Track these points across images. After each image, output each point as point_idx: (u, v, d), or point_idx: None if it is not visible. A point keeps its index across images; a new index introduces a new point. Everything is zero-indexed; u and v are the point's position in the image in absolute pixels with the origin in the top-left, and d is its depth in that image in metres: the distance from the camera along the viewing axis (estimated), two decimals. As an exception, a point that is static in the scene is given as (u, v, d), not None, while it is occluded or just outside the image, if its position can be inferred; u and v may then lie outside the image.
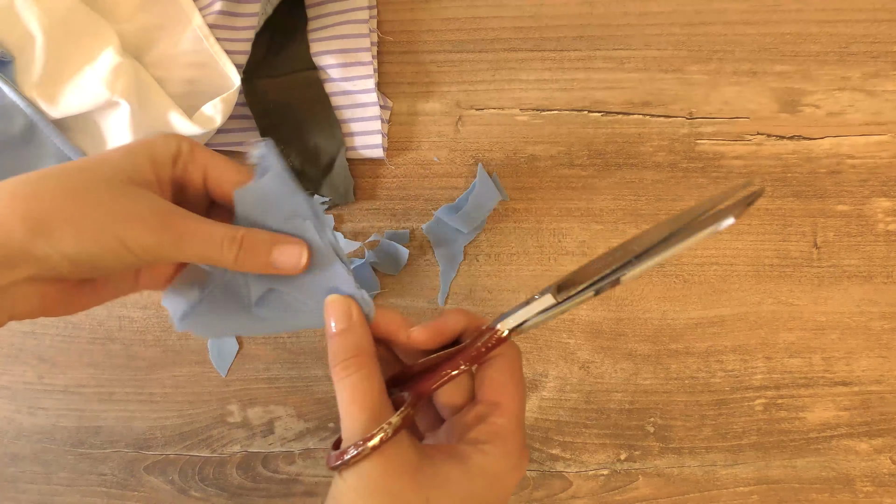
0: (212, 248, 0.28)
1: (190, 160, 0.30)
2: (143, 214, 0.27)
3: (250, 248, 0.29)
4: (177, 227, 0.28)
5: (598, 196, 0.45)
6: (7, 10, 0.40)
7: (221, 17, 0.45)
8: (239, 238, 0.29)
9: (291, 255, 0.29)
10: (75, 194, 0.27)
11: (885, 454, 0.44)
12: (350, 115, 0.46)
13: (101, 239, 0.26)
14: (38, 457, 0.49)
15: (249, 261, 0.29)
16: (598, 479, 0.46)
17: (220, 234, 0.28)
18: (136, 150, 0.29)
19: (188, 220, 0.28)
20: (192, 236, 0.28)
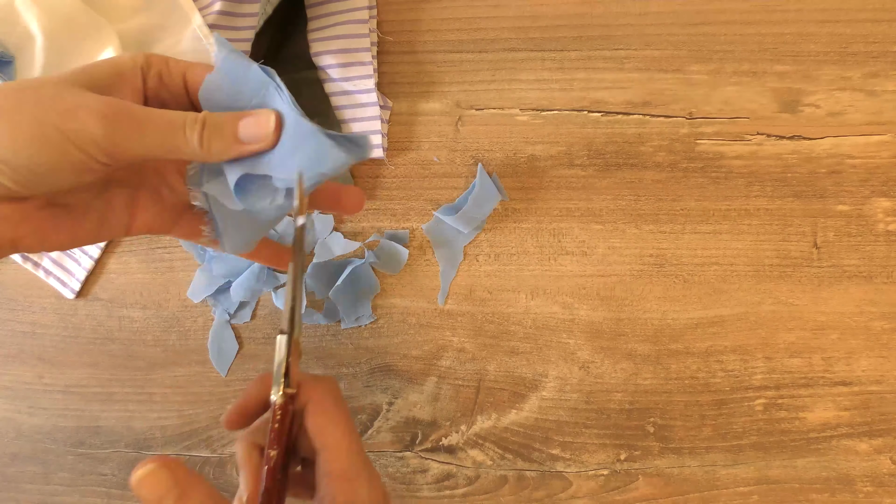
0: (174, 132, 0.25)
1: (165, 71, 0.28)
2: (89, 104, 0.24)
3: (215, 126, 0.26)
4: (131, 112, 0.25)
5: (598, 196, 0.45)
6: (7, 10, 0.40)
7: (221, 17, 0.45)
8: (201, 118, 0.26)
9: (259, 124, 0.27)
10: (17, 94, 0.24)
11: (885, 454, 0.44)
12: (350, 115, 0.46)
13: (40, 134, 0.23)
14: (38, 457, 0.49)
15: (217, 142, 0.26)
16: (598, 479, 0.46)
17: (181, 117, 0.26)
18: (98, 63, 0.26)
19: (143, 108, 0.25)
20: (151, 123, 0.25)
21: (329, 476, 0.28)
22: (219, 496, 0.26)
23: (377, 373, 0.46)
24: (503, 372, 0.46)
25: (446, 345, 0.46)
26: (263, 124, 0.27)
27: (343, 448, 0.29)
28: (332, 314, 0.46)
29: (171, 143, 0.26)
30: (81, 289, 0.48)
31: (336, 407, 0.30)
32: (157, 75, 0.28)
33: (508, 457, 0.46)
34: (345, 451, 0.29)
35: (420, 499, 0.47)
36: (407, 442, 0.47)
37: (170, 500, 0.24)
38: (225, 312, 0.47)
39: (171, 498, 0.24)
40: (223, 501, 0.26)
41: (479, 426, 0.46)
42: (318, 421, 0.29)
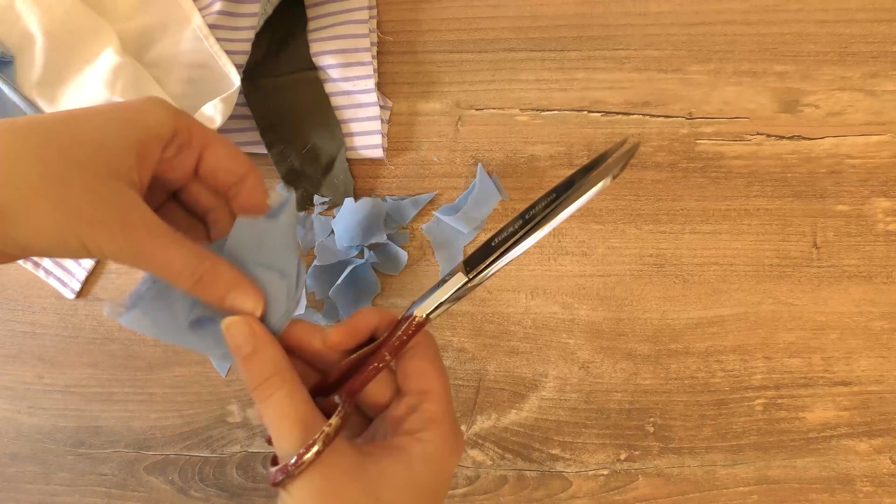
0: (169, 274, 0.27)
1: (186, 144, 0.29)
2: (109, 222, 0.25)
3: (209, 284, 0.28)
4: (140, 245, 0.26)
5: (598, 196, 0.45)
6: (7, 10, 0.40)
7: (221, 17, 0.45)
8: (199, 273, 0.27)
9: (246, 303, 0.28)
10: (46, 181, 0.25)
11: (885, 454, 0.44)
12: (350, 115, 0.46)
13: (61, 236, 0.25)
14: (38, 457, 0.49)
15: (204, 293, 0.28)
16: (598, 479, 0.46)
17: (180, 266, 0.27)
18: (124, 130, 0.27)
19: (153, 238, 0.27)
20: (153, 258, 0.27)
21: (421, 414, 0.29)
22: (286, 362, 0.28)
23: (377, 373, 0.47)
24: (503, 372, 0.46)
25: (446, 345, 0.46)
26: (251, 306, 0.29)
27: (443, 394, 0.29)
28: (331, 314, 0.46)
29: (164, 276, 0.28)
30: (81, 289, 0.48)
31: (438, 356, 0.31)
32: (178, 147, 0.29)
33: (508, 457, 0.46)
34: (444, 396, 0.29)
35: (420, 499, 0.47)
36: (407, 442, 0.47)
37: (246, 350, 0.27)
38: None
39: (247, 350, 0.27)
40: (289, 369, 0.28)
41: (478, 426, 0.46)
42: (422, 365, 0.30)
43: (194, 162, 0.29)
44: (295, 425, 0.26)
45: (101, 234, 0.25)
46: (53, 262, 0.48)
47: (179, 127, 0.28)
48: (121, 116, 0.27)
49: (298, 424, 0.26)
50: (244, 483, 0.47)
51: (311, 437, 0.26)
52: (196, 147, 0.29)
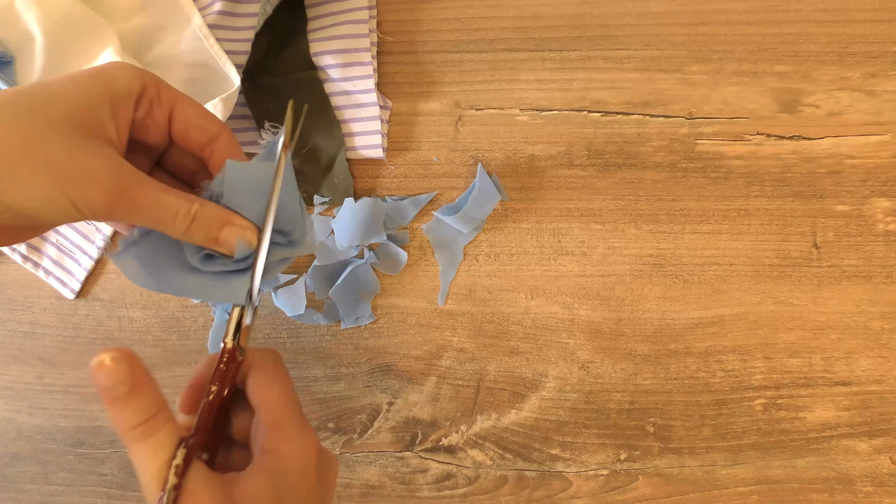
0: (164, 219, 0.27)
1: (156, 100, 0.29)
2: (97, 175, 0.25)
3: (202, 222, 0.28)
4: (132, 193, 0.26)
5: (597, 196, 0.45)
6: (7, 10, 0.40)
7: (221, 17, 0.45)
8: (192, 213, 0.28)
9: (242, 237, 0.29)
10: (26, 141, 0.25)
11: (885, 454, 0.44)
12: (350, 115, 0.46)
13: (50, 196, 0.25)
14: (38, 457, 0.49)
15: (198, 234, 0.28)
16: (598, 479, 0.46)
17: (175, 206, 0.27)
18: (93, 87, 0.27)
19: (143, 187, 0.27)
20: (147, 205, 0.27)
21: (261, 427, 0.29)
22: (164, 401, 0.27)
23: (377, 373, 0.46)
24: (503, 372, 0.46)
25: (446, 345, 0.46)
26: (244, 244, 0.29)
27: (277, 401, 0.30)
28: (331, 314, 0.46)
29: (158, 224, 0.28)
30: (81, 289, 0.48)
31: (276, 367, 0.31)
32: (148, 103, 0.29)
33: (508, 457, 0.46)
34: (280, 404, 0.30)
35: (420, 499, 0.47)
36: (407, 442, 0.47)
37: (121, 391, 0.26)
38: (225, 312, 0.47)
39: (123, 390, 0.26)
40: (166, 407, 0.27)
41: (478, 426, 0.46)
42: (257, 380, 0.31)
43: (166, 120, 0.29)
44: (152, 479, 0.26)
45: (90, 189, 0.25)
46: (53, 262, 0.48)
47: (146, 83, 0.28)
48: (88, 77, 0.27)
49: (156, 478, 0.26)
50: (244, 483, 0.47)
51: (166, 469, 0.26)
52: (165, 104, 0.29)
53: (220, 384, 0.30)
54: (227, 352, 0.31)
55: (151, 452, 0.26)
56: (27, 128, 0.25)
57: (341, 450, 0.47)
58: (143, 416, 0.26)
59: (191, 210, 0.28)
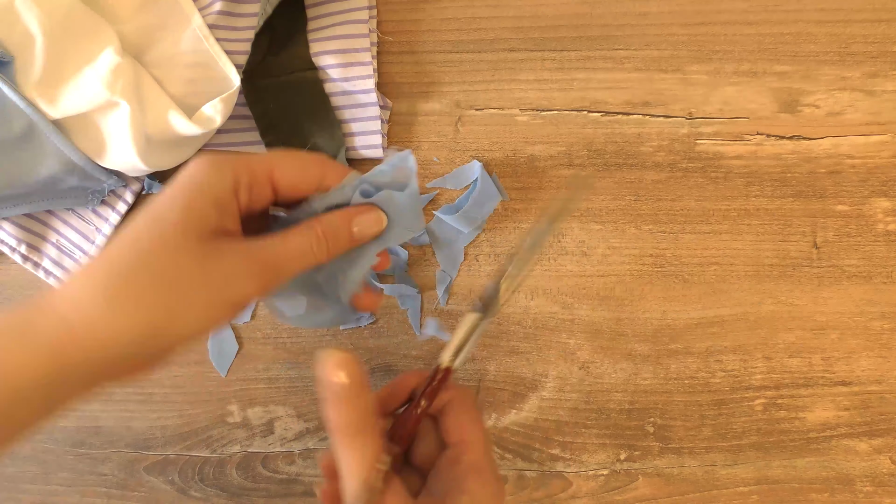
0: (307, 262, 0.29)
1: (253, 182, 0.29)
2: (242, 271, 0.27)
3: (333, 235, 0.29)
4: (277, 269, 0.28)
5: (597, 196, 0.45)
6: (7, 10, 0.40)
7: (221, 17, 0.45)
8: (321, 235, 0.29)
9: (372, 222, 0.30)
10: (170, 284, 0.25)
11: (885, 454, 0.44)
12: (350, 115, 0.46)
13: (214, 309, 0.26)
14: (38, 457, 0.49)
15: (336, 246, 0.30)
16: (598, 479, 0.46)
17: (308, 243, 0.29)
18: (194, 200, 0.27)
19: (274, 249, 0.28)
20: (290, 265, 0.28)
21: (462, 465, 0.30)
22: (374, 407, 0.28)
23: (377, 373, 0.46)
24: (503, 372, 0.46)
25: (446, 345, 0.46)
26: (375, 222, 0.31)
27: (481, 442, 0.30)
28: (332, 314, 0.46)
29: (306, 265, 0.29)
30: (81, 289, 0.48)
31: (475, 408, 0.32)
32: (248, 189, 0.29)
33: (508, 457, 0.46)
34: (482, 445, 0.30)
35: (420, 499, 0.47)
36: (407, 442, 0.47)
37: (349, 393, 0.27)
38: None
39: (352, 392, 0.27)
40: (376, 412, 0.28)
41: (479, 426, 0.46)
42: (459, 417, 0.31)
43: (270, 192, 0.30)
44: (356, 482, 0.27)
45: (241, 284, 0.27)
46: (53, 262, 0.48)
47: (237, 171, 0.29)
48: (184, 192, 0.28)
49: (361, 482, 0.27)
50: (244, 483, 0.47)
51: None
52: (264, 179, 0.30)
53: (428, 401, 0.31)
54: (444, 372, 0.31)
55: (360, 452, 0.27)
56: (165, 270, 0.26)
57: (341, 450, 0.47)
58: (360, 417, 0.27)
59: (318, 235, 0.29)
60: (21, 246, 0.48)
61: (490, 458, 0.31)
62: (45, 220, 0.48)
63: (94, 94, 0.41)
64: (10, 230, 0.47)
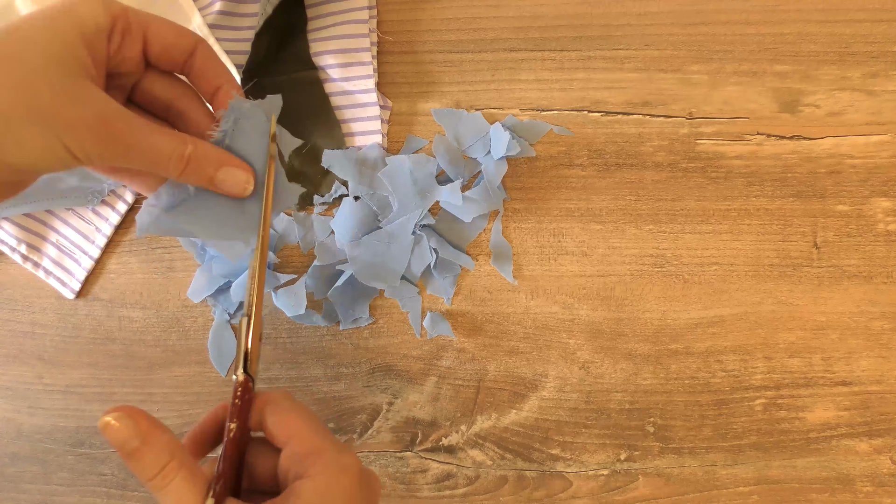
0: (158, 162, 0.27)
1: (127, 30, 0.28)
2: (88, 120, 0.25)
3: (197, 165, 0.28)
4: (125, 137, 0.26)
5: (597, 196, 0.45)
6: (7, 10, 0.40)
7: (221, 17, 0.45)
8: (186, 156, 0.27)
9: (237, 181, 0.29)
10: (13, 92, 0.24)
11: (885, 454, 0.44)
12: (350, 115, 0.46)
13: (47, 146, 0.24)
14: (38, 457, 0.49)
15: (194, 176, 0.28)
16: (598, 479, 0.46)
17: (169, 149, 0.27)
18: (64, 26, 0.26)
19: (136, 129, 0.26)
20: (140, 150, 0.26)
21: (297, 456, 0.28)
22: (178, 445, 0.27)
23: (377, 373, 0.46)
24: (503, 372, 0.46)
25: (446, 345, 0.46)
26: (241, 182, 0.29)
27: (308, 429, 0.29)
28: (330, 315, 0.46)
29: (153, 167, 0.27)
30: (81, 289, 0.48)
31: (292, 401, 0.31)
32: (121, 34, 0.28)
33: (508, 457, 0.46)
34: (311, 431, 0.29)
35: (420, 499, 0.47)
36: (407, 442, 0.47)
37: (133, 444, 0.26)
38: (225, 312, 0.47)
39: (133, 444, 0.26)
40: (182, 450, 0.27)
41: (479, 426, 0.46)
42: (277, 418, 0.30)
43: (141, 47, 0.29)
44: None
45: (83, 135, 0.25)
46: (53, 262, 0.48)
47: (115, 14, 0.27)
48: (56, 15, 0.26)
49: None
50: (244, 483, 0.47)
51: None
52: (137, 32, 0.28)
53: (239, 420, 0.29)
54: (241, 384, 0.30)
55: (173, 500, 0.26)
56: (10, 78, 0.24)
57: (341, 450, 0.47)
58: (158, 467, 0.26)
59: (185, 153, 0.27)
60: (21, 246, 0.48)
61: (327, 438, 0.29)
62: (45, 220, 0.48)
63: (94, 93, 0.41)
64: (10, 230, 0.47)
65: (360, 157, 0.45)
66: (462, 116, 0.46)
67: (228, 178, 0.29)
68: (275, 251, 0.47)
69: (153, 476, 0.26)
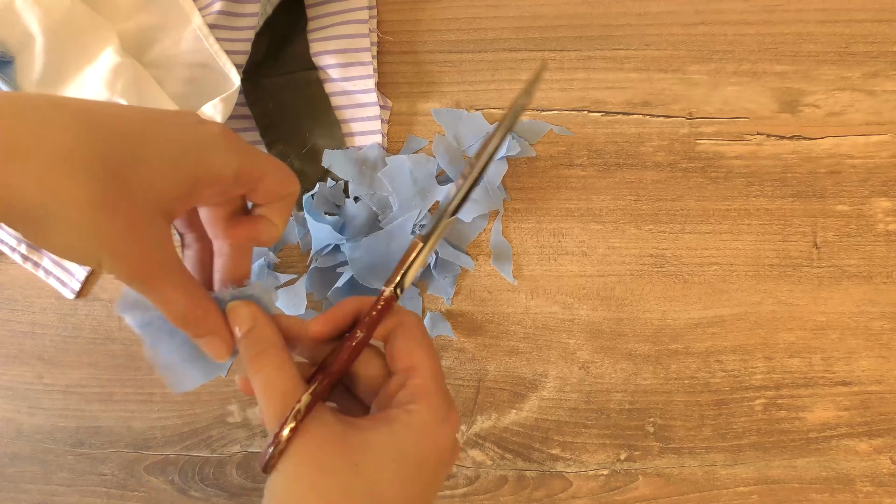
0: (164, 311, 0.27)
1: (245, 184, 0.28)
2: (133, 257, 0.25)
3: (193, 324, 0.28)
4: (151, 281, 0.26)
5: (597, 196, 0.45)
6: (7, 10, 0.40)
7: (221, 17, 0.45)
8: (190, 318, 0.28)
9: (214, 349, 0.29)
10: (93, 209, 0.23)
11: (885, 454, 0.44)
12: (350, 115, 0.46)
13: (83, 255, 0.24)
14: (38, 457, 0.49)
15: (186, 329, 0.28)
16: (598, 479, 0.46)
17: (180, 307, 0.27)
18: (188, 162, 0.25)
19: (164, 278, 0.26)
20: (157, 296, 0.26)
21: (408, 388, 0.28)
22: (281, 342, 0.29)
23: (377, 373, 0.46)
24: (503, 372, 0.46)
25: (446, 345, 0.46)
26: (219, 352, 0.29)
27: (429, 367, 0.29)
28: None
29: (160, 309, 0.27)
30: (81, 289, 0.48)
31: (424, 335, 0.30)
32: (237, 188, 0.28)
33: (508, 457, 0.46)
34: (430, 369, 0.29)
35: (420, 499, 0.47)
36: (407, 442, 0.47)
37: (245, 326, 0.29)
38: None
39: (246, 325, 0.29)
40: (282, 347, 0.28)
41: (479, 426, 0.46)
42: (407, 343, 0.29)
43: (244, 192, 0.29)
44: (279, 397, 0.27)
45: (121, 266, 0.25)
46: (53, 262, 0.48)
47: (244, 169, 0.27)
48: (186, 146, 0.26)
49: (282, 396, 0.27)
50: (244, 483, 0.47)
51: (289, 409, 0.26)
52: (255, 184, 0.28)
53: (367, 332, 0.29)
54: (386, 300, 0.29)
55: (262, 384, 0.27)
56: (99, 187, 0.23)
57: (341, 450, 0.47)
58: (257, 350, 0.28)
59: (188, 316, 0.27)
60: (21, 246, 0.48)
61: (440, 384, 0.29)
62: (45, 220, 0.48)
63: (94, 93, 0.41)
64: (11, 230, 0.47)
65: (360, 157, 0.45)
66: (462, 116, 0.46)
67: (207, 346, 0.29)
68: (275, 251, 0.47)
69: (251, 358, 0.28)
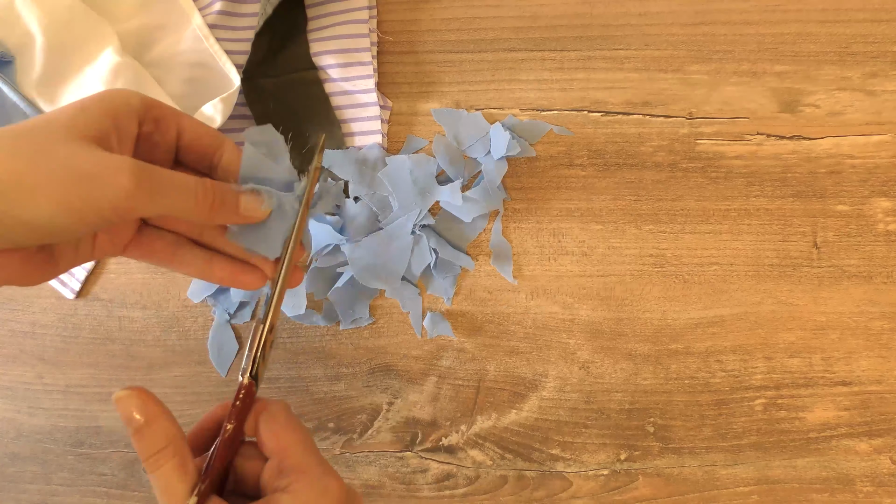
0: (186, 198, 0.27)
1: (161, 118, 0.29)
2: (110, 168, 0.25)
3: (221, 205, 0.28)
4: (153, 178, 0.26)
5: (597, 196, 0.45)
6: (7, 10, 0.40)
7: (221, 17, 0.45)
8: (211, 189, 0.28)
9: (258, 207, 0.30)
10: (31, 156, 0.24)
11: (885, 454, 0.44)
12: (350, 115, 0.46)
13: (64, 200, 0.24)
14: (38, 457, 0.49)
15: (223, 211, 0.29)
16: (598, 479, 0.46)
17: (194, 184, 0.27)
18: (90, 106, 0.27)
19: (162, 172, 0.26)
20: (167, 187, 0.26)
21: (283, 471, 0.29)
22: (180, 436, 0.28)
23: (377, 373, 0.46)
24: (503, 372, 0.46)
25: (446, 345, 0.46)
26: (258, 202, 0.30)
27: (298, 445, 0.30)
28: (330, 316, 0.46)
29: (181, 206, 0.27)
30: (81, 289, 0.48)
31: (289, 414, 0.31)
32: (154, 120, 0.29)
33: (508, 457, 0.46)
34: (301, 448, 0.30)
35: (420, 499, 0.47)
36: (407, 442, 0.47)
37: (138, 422, 0.28)
38: (225, 312, 0.47)
39: (139, 421, 0.28)
40: (181, 441, 0.28)
41: (479, 426, 0.46)
42: (272, 427, 0.30)
43: (174, 139, 0.30)
44: (179, 501, 0.27)
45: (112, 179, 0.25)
46: (53, 262, 0.48)
47: (150, 102, 0.29)
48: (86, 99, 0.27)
49: (182, 499, 0.27)
50: (244, 483, 0.47)
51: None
52: (172, 124, 0.29)
53: (236, 422, 0.30)
54: (244, 387, 0.30)
55: (162, 485, 0.27)
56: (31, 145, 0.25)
57: (341, 450, 0.47)
58: (155, 448, 0.27)
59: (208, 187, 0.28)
60: (21, 246, 0.48)
61: (315, 458, 0.30)
62: (45, 220, 0.48)
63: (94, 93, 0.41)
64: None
65: (360, 157, 0.45)
66: (462, 116, 0.46)
67: (251, 208, 0.30)
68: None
69: (148, 456, 0.27)
